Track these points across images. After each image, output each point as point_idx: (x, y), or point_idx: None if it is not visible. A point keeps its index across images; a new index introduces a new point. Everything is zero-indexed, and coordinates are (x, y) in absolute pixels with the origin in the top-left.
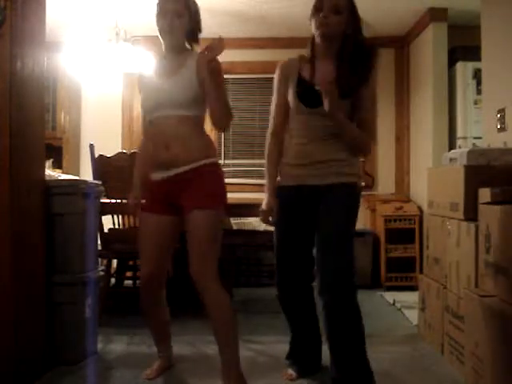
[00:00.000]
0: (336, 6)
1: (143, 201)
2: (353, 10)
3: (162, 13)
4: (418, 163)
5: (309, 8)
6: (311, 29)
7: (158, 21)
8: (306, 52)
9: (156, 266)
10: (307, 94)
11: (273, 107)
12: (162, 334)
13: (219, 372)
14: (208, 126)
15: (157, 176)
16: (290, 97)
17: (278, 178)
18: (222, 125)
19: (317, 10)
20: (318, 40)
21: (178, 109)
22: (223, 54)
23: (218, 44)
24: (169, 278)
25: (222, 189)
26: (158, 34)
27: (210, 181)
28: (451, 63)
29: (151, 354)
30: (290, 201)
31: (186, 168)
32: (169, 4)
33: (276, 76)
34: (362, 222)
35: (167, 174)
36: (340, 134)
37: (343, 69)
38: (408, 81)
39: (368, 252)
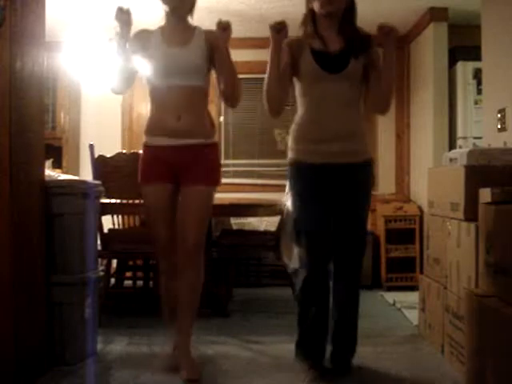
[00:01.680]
0: None
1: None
2: None
3: None
4: (418, 163)
5: None
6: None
7: None
8: (300, 30)
9: (168, 229)
10: (327, 61)
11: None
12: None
13: (219, 372)
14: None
15: (162, 141)
16: (305, 69)
17: (293, 153)
18: (235, 99)
19: None
20: (321, 17)
21: (190, 78)
22: None
23: (227, 26)
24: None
25: (219, 170)
26: (163, 1)
27: (212, 160)
28: (451, 63)
29: (151, 354)
30: (311, 179)
31: (194, 141)
32: None
33: (271, 37)
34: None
35: (175, 142)
36: (354, 101)
37: (349, 35)
38: (408, 81)
39: (368, 252)
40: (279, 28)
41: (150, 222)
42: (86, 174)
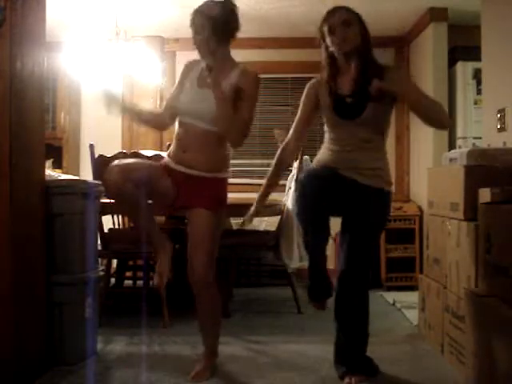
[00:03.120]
0: (346, 20)
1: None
2: (361, 21)
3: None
4: (418, 163)
5: (309, 8)
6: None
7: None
8: (320, 75)
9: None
10: (342, 107)
11: (295, 122)
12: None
13: (219, 372)
14: None
15: (173, 165)
16: (324, 112)
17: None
18: (236, 146)
19: (329, 29)
20: (339, 57)
21: (208, 123)
22: None
23: None
24: (168, 280)
25: (223, 195)
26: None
27: (213, 188)
28: (451, 63)
29: (151, 354)
30: (332, 174)
31: (194, 173)
32: (195, 20)
33: (304, 93)
34: None
35: (182, 169)
36: (374, 142)
37: (363, 77)
38: None
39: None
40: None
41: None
42: (86, 173)
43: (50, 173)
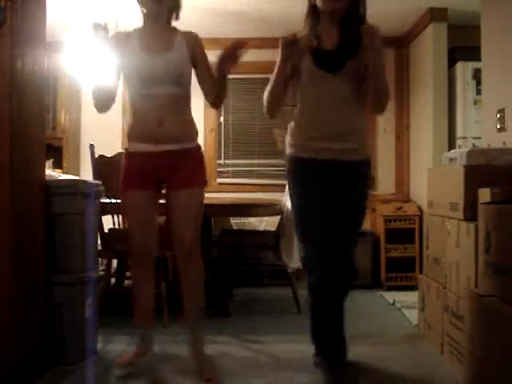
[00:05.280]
0: None
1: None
2: None
3: None
4: (418, 163)
5: None
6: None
7: None
8: (304, 23)
9: (145, 239)
10: (324, 60)
11: (272, 76)
12: (147, 309)
13: (220, 372)
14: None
15: (144, 148)
16: (303, 67)
17: (292, 149)
18: (217, 105)
19: None
20: (325, 13)
21: (170, 86)
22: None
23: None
24: (169, 279)
25: (205, 171)
26: (141, 3)
27: (198, 163)
28: (451, 63)
29: (151, 354)
30: (309, 175)
31: (177, 147)
32: None
33: (281, 50)
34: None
35: (157, 148)
36: (353, 102)
37: (347, 34)
38: (408, 81)
39: (368, 252)
40: (291, 42)
41: (128, 229)
42: (87, 173)
43: (50, 173)
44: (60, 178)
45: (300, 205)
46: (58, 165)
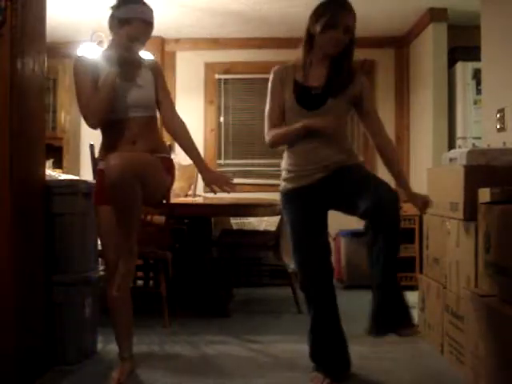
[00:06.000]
0: (348, 27)
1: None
2: (354, 26)
3: (140, 21)
4: (418, 163)
5: (309, 8)
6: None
7: (131, 23)
8: (298, 52)
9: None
10: (306, 97)
11: (268, 110)
12: (128, 332)
13: (220, 371)
14: None
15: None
16: (289, 101)
17: (283, 184)
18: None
19: (331, 26)
20: (324, 53)
21: (144, 110)
22: (224, 54)
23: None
24: (169, 279)
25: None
26: (118, 29)
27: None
28: (451, 63)
29: (150, 354)
30: (302, 199)
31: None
32: (146, 14)
33: (271, 80)
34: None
35: None
36: (338, 133)
37: (337, 74)
38: (408, 81)
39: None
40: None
41: (101, 243)
42: (87, 173)
43: (50, 173)
44: (60, 177)
45: (296, 233)
46: (57, 165)
